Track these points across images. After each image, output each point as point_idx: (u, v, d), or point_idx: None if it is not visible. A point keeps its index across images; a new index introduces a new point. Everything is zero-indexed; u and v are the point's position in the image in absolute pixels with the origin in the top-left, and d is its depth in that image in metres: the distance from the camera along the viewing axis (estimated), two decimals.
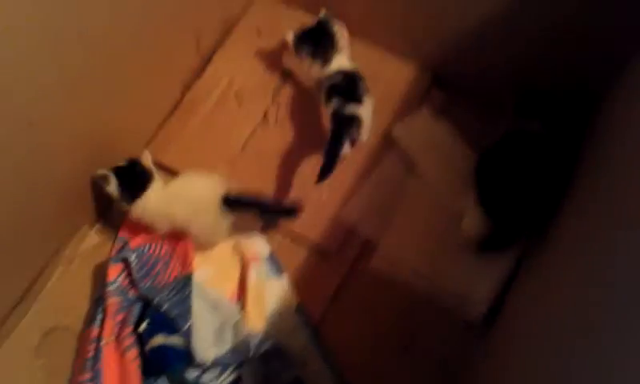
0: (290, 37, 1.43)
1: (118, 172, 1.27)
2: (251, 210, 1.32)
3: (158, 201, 1.28)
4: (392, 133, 1.47)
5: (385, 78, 1.52)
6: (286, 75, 1.57)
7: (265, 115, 1.53)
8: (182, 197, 1.29)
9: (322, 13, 1.44)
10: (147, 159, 1.30)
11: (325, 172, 1.28)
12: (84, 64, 1.16)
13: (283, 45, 1.51)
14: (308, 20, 1.46)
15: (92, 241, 1.38)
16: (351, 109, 1.33)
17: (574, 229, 1.07)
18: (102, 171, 1.26)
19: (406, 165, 1.44)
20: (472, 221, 1.31)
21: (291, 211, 1.30)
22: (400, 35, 1.55)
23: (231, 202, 1.26)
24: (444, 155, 1.44)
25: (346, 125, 1.33)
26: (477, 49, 1.44)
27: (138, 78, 1.37)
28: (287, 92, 1.56)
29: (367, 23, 1.57)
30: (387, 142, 1.47)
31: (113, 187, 1.26)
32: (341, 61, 1.42)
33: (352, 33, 1.53)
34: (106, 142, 1.33)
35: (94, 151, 1.30)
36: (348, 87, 1.36)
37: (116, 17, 1.19)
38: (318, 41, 1.42)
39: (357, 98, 1.35)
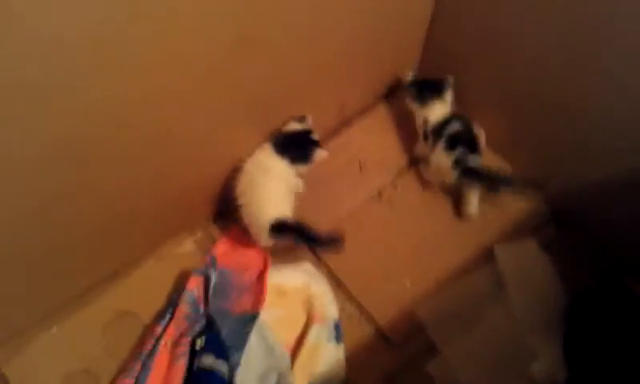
0: (409, 76, 1.59)
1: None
2: (295, 237, 1.35)
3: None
4: (494, 249, 1.45)
5: (504, 196, 1.52)
6: (413, 162, 1.61)
7: (380, 192, 1.58)
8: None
9: (449, 77, 1.54)
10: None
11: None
12: (229, 98, 1.26)
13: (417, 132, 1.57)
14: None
15: (188, 248, 1.48)
16: (474, 160, 1.44)
17: None
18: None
19: (497, 285, 1.41)
20: (546, 365, 1.27)
21: (333, 242, 1.35)
22: (532, 163, 1.56)
23: (278, 228, 1.32)
24: (537, 291, 1.39)
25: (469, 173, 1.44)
26: (606, 203, 1.41)
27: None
28: (408, 178, 1.61)
29: (504, 140, 1.61)
30: (486, 257, 1.46)
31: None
32: (443, 109, 1.51)
33: (488, 143, 1.61)
34: (223, 170, 1.43)
35: (210, 171, 1.41)
36: (469, 139, 1.46)
37: (275, 69, 1.29)
38: (427, 88, 1.52)
39: (478, 150, 1.46)
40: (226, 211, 1.49)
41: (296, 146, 1.41)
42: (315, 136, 1.44)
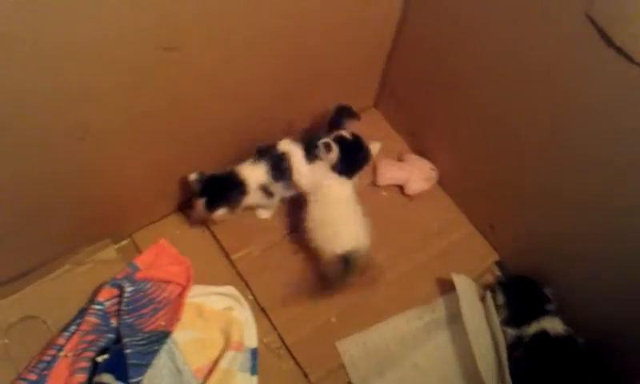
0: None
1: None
2: None
3: None
4: (452, 276, 1.39)
5: (452, 236, 1.54)
6: None
7: None
8: None
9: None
10: None
11: None
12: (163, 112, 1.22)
13: None
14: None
15: (109, 255, 1.39)
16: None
17: None
18: None
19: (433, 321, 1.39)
20: None
21: None
22: (484, 212, 1.56)
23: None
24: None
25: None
26: (552, 262, 1.41)
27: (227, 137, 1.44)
28: None
29: (455, 182, 1.62)
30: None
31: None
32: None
33: (442, 184, 1.64)
34: (159, 178, 1.39)
35: (142, 175, 1.35)
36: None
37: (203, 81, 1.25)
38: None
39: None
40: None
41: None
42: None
